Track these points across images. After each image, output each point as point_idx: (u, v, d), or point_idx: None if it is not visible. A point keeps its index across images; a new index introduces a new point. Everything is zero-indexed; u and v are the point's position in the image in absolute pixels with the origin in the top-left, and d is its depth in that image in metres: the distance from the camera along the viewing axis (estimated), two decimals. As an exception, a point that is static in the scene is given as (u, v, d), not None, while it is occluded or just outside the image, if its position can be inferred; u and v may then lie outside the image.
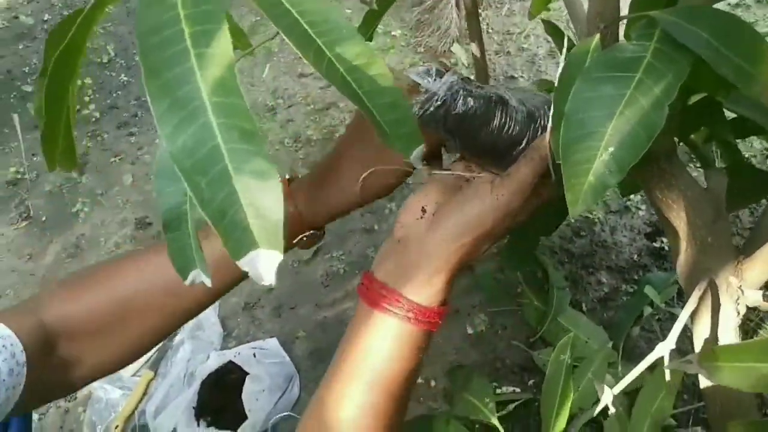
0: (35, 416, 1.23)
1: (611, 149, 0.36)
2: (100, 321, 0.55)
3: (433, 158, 0.55)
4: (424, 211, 0.49)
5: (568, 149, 0.37)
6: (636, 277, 1.19)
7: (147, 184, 1.65)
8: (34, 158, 1.82)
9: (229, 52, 0.28)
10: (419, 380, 1.13)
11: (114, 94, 1.98)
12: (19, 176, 1.78)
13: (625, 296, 1.17)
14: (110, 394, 1.22)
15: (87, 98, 1.96)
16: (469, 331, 1.18)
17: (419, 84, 0.46)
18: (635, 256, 1.22)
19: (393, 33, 1.90)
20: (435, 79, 0.47)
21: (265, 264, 0.28)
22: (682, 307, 0.47)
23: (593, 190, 0.37)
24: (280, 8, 0.32)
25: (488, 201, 0.46)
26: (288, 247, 0.56)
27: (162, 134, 0.27)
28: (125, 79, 2.01)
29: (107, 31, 2.21)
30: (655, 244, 1.24)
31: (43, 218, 1.64)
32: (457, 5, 1.87)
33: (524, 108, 0.49)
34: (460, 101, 0.47)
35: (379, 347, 0.47)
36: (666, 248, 1.22)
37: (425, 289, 0.46)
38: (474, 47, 0.85)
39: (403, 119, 0.35)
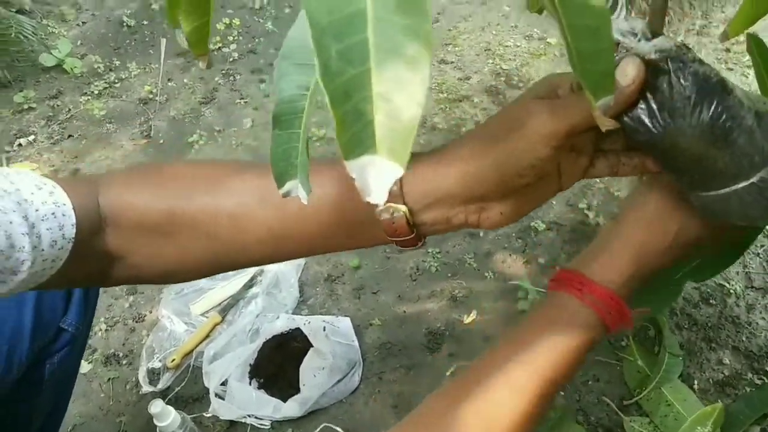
0: (103, 326, 1.23)
1: None
2: (152, 220, 0.49)
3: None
4: None
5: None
6: (767, 369, 1.02)
7: (265, 131, 1.63)
8: (169, 83, 1.86)
9: None
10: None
11: (256, 40, 1.99)
12: (151, 96, 1.82)
13: (749, 387, 1.00)
14: (175, 327, 1.20)
15: (231, 38, 1.99)
16: (556, 371, 1.06)
17: (618, 43, 0.37)
18: (770, 345, 1.05)
19: (549, 40, 1.78)
20: (640, 41, 0.37)
21: (377, 176, 0.21)
22: None
23: None
24: None
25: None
26: (373, 224, 0.45)
27: None
28: (270, 27, 2.01)
29: (266, -20, 2.24)
30: (796, 337, 1.06)
31: (161, 141, 1.67)
32: (627, 26, 1.72)
33: (753, 109, 0.37)
34: (670, 73, 0.37)
35: (546, 322, 0.45)
36: (810, 345, 1.03)
37: (606, 270, 0.45)
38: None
39: (601, 53, 0.27)
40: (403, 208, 0.44)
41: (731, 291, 1.13)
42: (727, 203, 0.39)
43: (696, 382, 1.02)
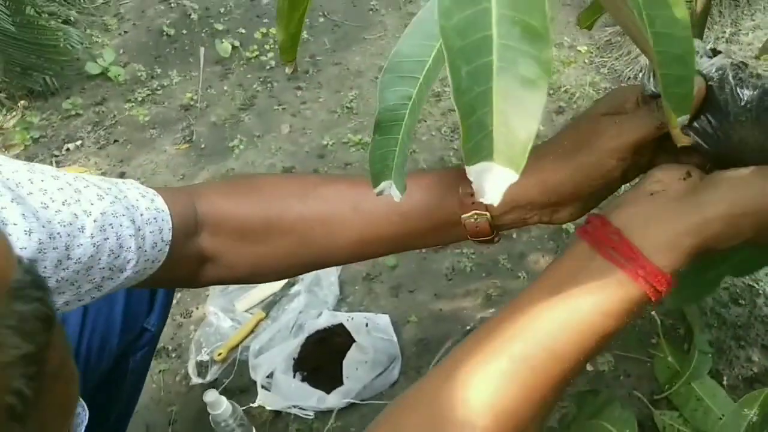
0: (152, 321, 1.30)
1: None
2: (249, 226, 0.55)
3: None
4: (689, 174, 0.43)
5: None
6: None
7: (302, 137, 1.69)
8: (209, 90, 1.93)
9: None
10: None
11: (292, 48, 2.05)
12: (192, 103, 1.89)
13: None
14: (221, 323, 1.26)
15: (267, 46, 2.05)
16: (589, 367, 1.10)
17: None
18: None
19: (578, 48, 1.82)
20: (702, 57, 0.41)
21: (493, 180, 0.25)
22: None
23: None
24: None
25: None
26: (456, 226, 0.51)
27: (438, 6, 0.24)
28: (305, 36, 2.07)
29: (300, -10, 2.30)
30: (825, 338, 1.08)
31: (203, 145, 1.74)
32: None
33: None
34: (730, 89, 0.41)
35: (589, 292, 0.40)
36: (838, 345, 1.06)
37: (664, 250, 0.40)
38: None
39: (683, 78, 0.31)
40: (487, 214, 0.50)
41: (760, 292, 1.16)
42: None
43: (725, 378, 1.05)
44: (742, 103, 0.41)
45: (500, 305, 1.21)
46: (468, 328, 1.19)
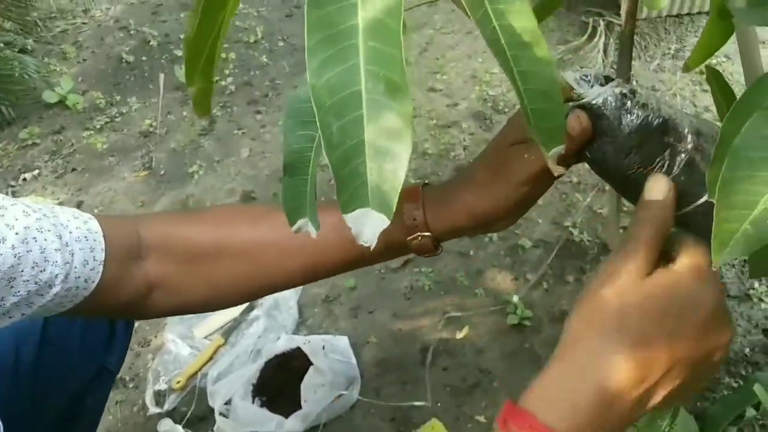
0: (110, 352, 1.28)
1: (785, 198, 0.32)
2: (199, 249, 0.55)
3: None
4: None
5: (728, 188, 0.33)
6: (743, 373, 1.07)
7: (261, 160, 1.70)
8: (169, 116, 1.93)
9: (399, -2, 0.27)
10: None
11: (252, 73, 2.06)
12: (151, 129, 1.89)
13: (726, 390, 1.06)
14: (180, 350, 1.25)
15: (227, 71, 2.06)
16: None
17: (572, 89, 0.43)
18: (747, 350, 1.11)
19: (532, 67, 1.86)
20: (592, 86, 0.43)
21: (369, 225, 0.26)
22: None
23: (746, 240, 0.33)
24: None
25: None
26: (402, 246, 0.54)
27: (309, 66, 0.26)
28: (265, 60, 2.09)
29: (259, 15, 2.32)
30: (772, 343, 1.12)
31: (162, 172, 1.73)
32: (605, 51, 1.81)
33: (696, 140, 0.43)
34: (612, 119, 0.43)
35: None
36: (784, 350, 1.09)
37: (565, 417, 0.38)
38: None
39: (551, 112, 0.32)
40: (429, 235, 0.53)
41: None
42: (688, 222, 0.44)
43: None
44: (626, 130, 0.42)
45: (458, 322, 1.23)
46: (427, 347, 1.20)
